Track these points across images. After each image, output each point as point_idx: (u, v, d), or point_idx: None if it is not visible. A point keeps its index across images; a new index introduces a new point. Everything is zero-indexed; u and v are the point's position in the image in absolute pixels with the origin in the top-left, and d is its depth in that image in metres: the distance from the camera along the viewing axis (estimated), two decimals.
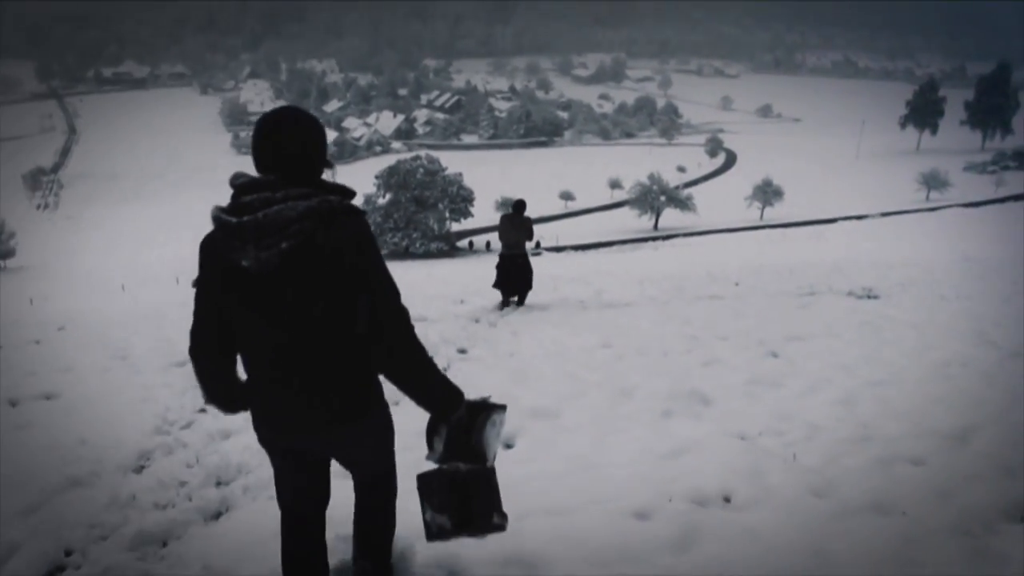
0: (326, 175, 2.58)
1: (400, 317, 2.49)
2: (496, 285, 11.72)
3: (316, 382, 2.47)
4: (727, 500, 3.89)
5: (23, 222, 75.30)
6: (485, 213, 60.67)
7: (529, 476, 4.26)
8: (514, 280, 11.65)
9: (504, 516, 2.80)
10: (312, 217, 2.32)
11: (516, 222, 11.56)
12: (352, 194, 2.54)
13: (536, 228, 13.27)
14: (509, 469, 4.42)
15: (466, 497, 2.71)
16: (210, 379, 2.70)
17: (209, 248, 2.46)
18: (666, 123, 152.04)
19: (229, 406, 2.73)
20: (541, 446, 4.80)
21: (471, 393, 2.76)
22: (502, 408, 2.78)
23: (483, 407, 2.72)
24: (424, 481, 2.75)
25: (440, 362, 6.56)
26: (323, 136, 2.53)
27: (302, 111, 2.52)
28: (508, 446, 4.91)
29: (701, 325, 9.14)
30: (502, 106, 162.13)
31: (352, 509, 3.01)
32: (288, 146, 2.41)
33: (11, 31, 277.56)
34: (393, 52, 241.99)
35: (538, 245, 48.76)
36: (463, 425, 2.67)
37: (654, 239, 54.70)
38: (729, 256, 29.34)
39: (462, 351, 8.08)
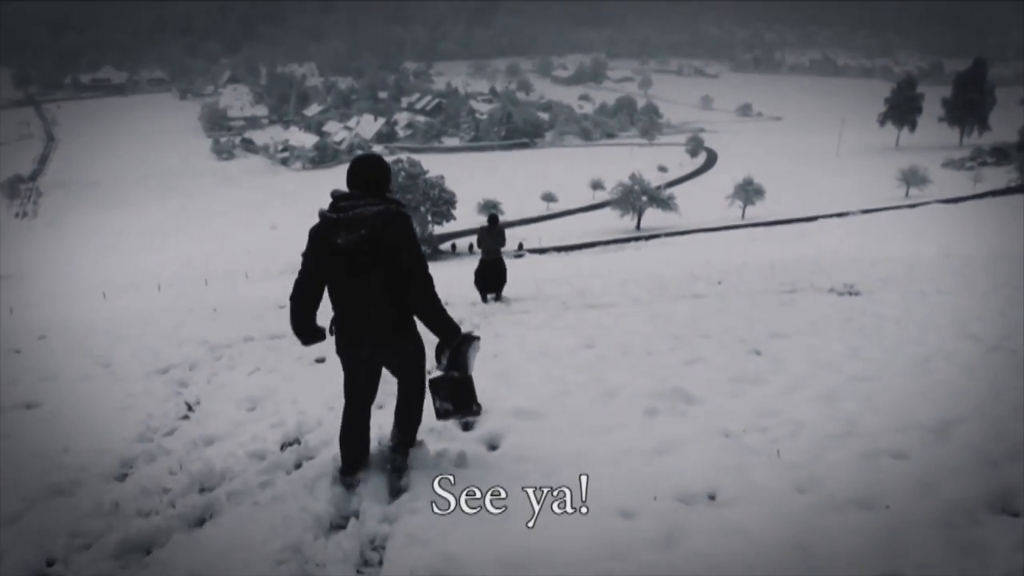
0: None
1: (425, 281, 4.15)
2: (476, 284, 13.84)
3: (379, 312, 4.15)
4: (712, 497, 3.91)
5: (1, 231, 74.64)
6: (468, 216, 60.67)
7: (515, 476, 4.26)
8: (492, 280, 13.74)
9: (480, 406, 4.58)
10: (379, 217, 4.03)
11: (492, 232, 13.73)
12: (402, 204, 4.22)
13: (519, 230, 14.25)
14: (495, 467, 4.42)
15: (458, 392, 4.41)
16: (301, 316, 4.31)
17: (317, 232, 4.16)
18: (647, 123, 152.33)
19: (307, 337, 4.34)
20: (526, 447, 4.80)
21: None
22: (478, 338, 4.42)
23: (468, 337, 4.34)
24: (434, 383, 4.47)
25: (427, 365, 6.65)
26: (388, 170, 4.31)
27: (376, 156, 4.34)
28: (493, 447, 4.90)
29: (684, 324, 9.17)
30: (483, 108, 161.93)
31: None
32: (367, 175, 4.18)
33: None
34: (373, 55, 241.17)
35: (521, 247, 48.80)
36: (456, 348, 4.28)
37: (636, 239, 54.80)
38: (712, 255, 29.45)
39: None
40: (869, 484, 3.85)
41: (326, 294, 4.25)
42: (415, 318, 4.29)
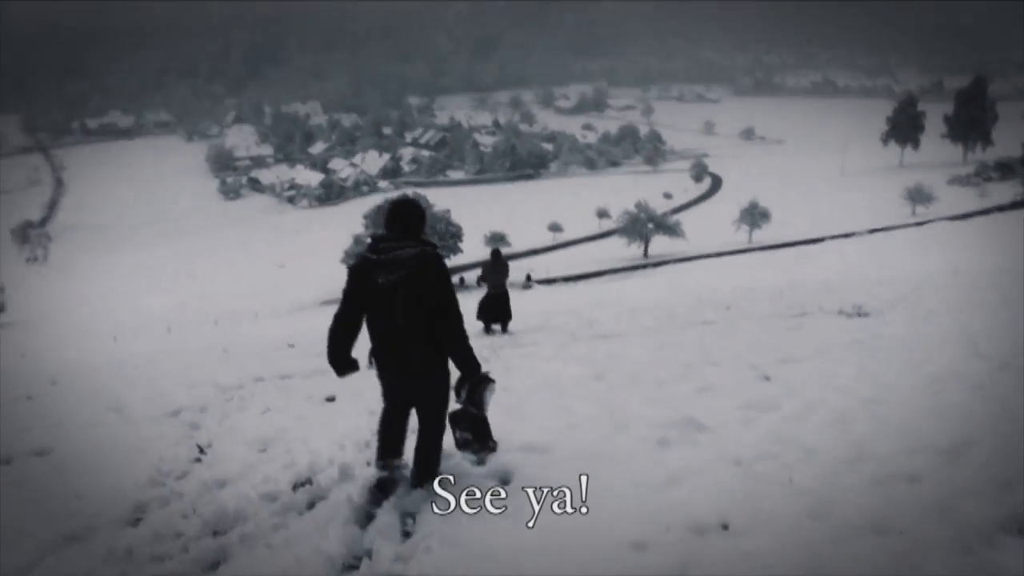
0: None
1: (456, 319, 4.52)
2: (479, 317, 14.19)
3: (412, 347, 4.53)
4: (725, 527, 3.88)
5: (13, 276, 74.97)
6: (475, 248, 60.71)
7: (526, 512, 4.24)
8: (499, 312, 14.11)
9: (495, 443, 5.13)
10: (416, 259, 4.41)
11: (497, 265, 14.34)
12: (436, 246, 4.60)
13: (525, 261, 14.47)
14: (508, 504, 4.41)
15: (476, 426, 4.89)
16: (339, 347, 4.64)
17: (358, 270, 4.57)
18: (650, 151, 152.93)
19: (343, 368, 4.66)
20: (536, 482, 4.78)
21: None
22: (494, 381, 4.81)
23: (485, 379, 4.74)
24: (454, 415, 4.87)
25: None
26: (424, 213, 4.69)
27: (412, 200, 4.78)
28: (505, 483, 4.89)
29: (694, 352, 9.16)
30: (487, 141, 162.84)
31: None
32: (404, 219, 4.56)
33: None
34: (376, 92, 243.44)
35: (529, 278, 48.80)
36: (474, 386, 4.68)
37: (644, 267, 54.75)
38: (720, 280, 29.41)
39: None
40: (882, 508, 3.82)
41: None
42: (444, 355, 4.66)
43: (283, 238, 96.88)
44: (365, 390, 7.91)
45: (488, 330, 14.18)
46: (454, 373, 4.72)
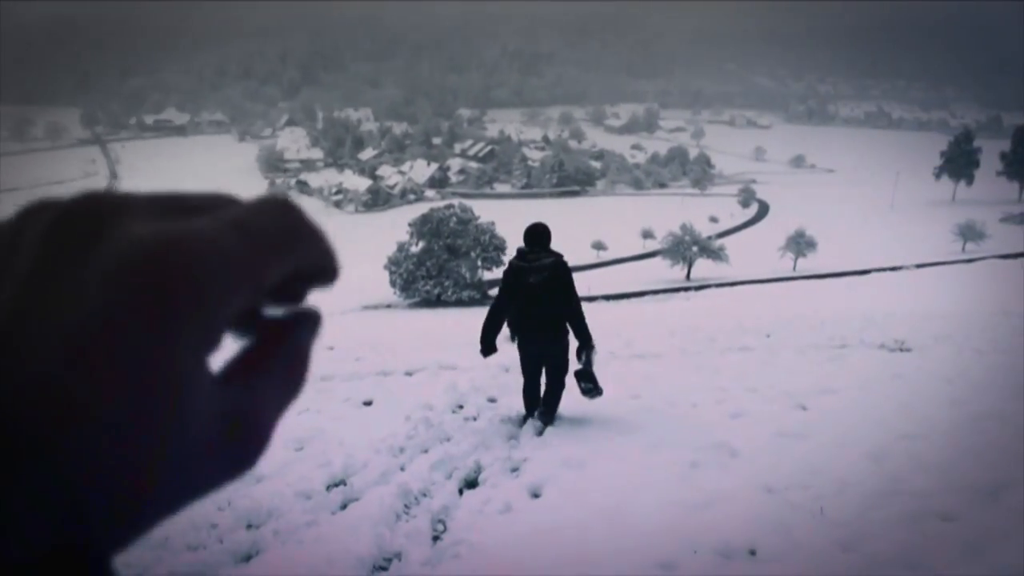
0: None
1: (578, 306, 6.52)
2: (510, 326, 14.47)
3: (548, 325, 6.51)
4: (752, 553, 3.89)
5: None
6: None
7: (556, 525, 4.28)
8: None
9: (602, 389, 6.79)
10: (553, 266, 6.35)
11: None
12: (563, 256, 6.53)
13: None
14: (538, 517, 4.45)
15: (591, 378, 6.68)
16: (490, 332, 6.59)
17: (512, 273, 6.47)
18: (698, 173, 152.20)
19: (489, 349, 6.60)
20: (569, 495, 4.82)
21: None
22: (595, 348, 6.75)
23: (592, 346, 6.68)
24: (577, 372, 6.69)
25: (470, 411, 7.55)
26: (551, 233, 6.59)
27: (544, 224, 6.63)
28: (535, 495, 4.93)
29: (731, 377, 9.12)
30: (535, 155, 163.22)
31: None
32: (540, 238, 6.48)
33: (59, 80, 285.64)
34: (428, 102, 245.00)
35: None
36: (588, 352, 6.64)
37: (686, 289, 54.46)
38: (761, 307, 29.19)
39: (492, 400, 8.14)
40: (915, 545, 3.80)
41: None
42: (567, 328, 6.60)
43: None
44: (402, 397, 7.99)
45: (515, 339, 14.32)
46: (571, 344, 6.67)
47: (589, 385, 6.79)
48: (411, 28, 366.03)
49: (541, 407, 6.93)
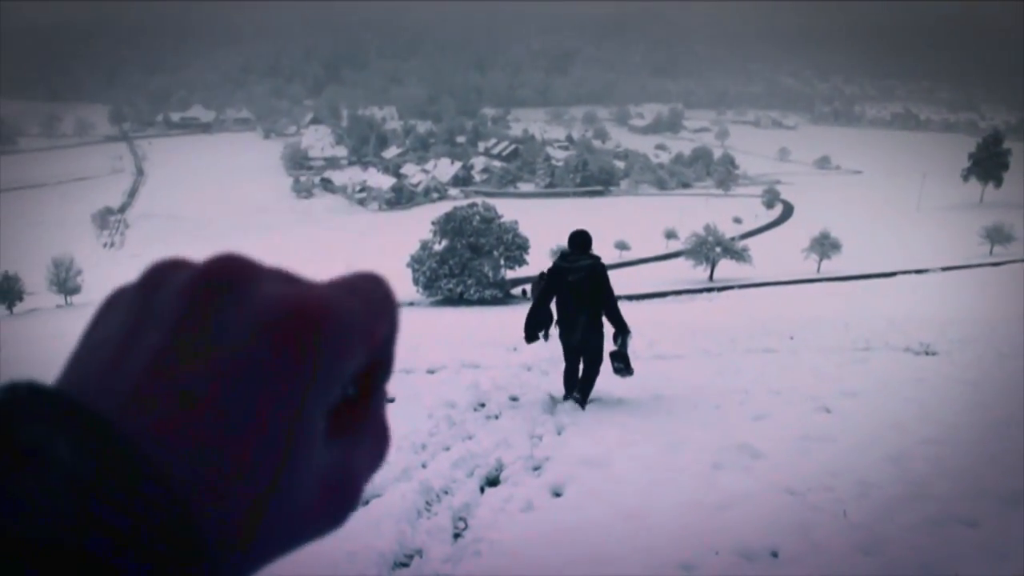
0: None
1: (615, 301, 7.49)
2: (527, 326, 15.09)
3: (586, 318, 7.39)
4: (774, 555, 3.89)
5: (90, 260, 77.45)
6: (540, 261, 60.75)
7: (577, 524, 4.30)
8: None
9: (632, 370, 7.74)
10: (592, 267, 7.34)
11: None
12: (599, 258, 7.51)
13: None
14: (560, 516, 4.47)
15: (625, 360, 7.63)
16: (534, 324, 7.75)
17: (555, 272, 7.47)
18: (723, 174, 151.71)
19: (532, 339, 7.82)
20: (590, 495, 4.84)
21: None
22: (630, 333, 7.68)
23: (628, 331, 7.61)
24: (613, 354, 7.62)
25: (492, 409, 7.55)
26: (591, 238, 7.52)
27: (585, 230, 7.55)
28: (557, 494, 4.95)
29: (753, 378, 9.10)
30: (559, 155, 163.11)
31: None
32: (582, 242, 7.47)
33: (87, 77, 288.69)
34: (452, 100, 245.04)
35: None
36: (624, 337, 7.58)
37: (709, 290, 54.28)
38: (785, 309, 29.05)
39: (514, 399, 8.15)
40: (937, 550, 3.79)
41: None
42: (603, 320, 7.52)
43: (352, 239, 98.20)
44: (424, 394, 8.03)
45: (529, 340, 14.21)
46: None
47: (621, 365, 7.70)
48: (435, 26, 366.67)
49: (577, 391, 7.70)
